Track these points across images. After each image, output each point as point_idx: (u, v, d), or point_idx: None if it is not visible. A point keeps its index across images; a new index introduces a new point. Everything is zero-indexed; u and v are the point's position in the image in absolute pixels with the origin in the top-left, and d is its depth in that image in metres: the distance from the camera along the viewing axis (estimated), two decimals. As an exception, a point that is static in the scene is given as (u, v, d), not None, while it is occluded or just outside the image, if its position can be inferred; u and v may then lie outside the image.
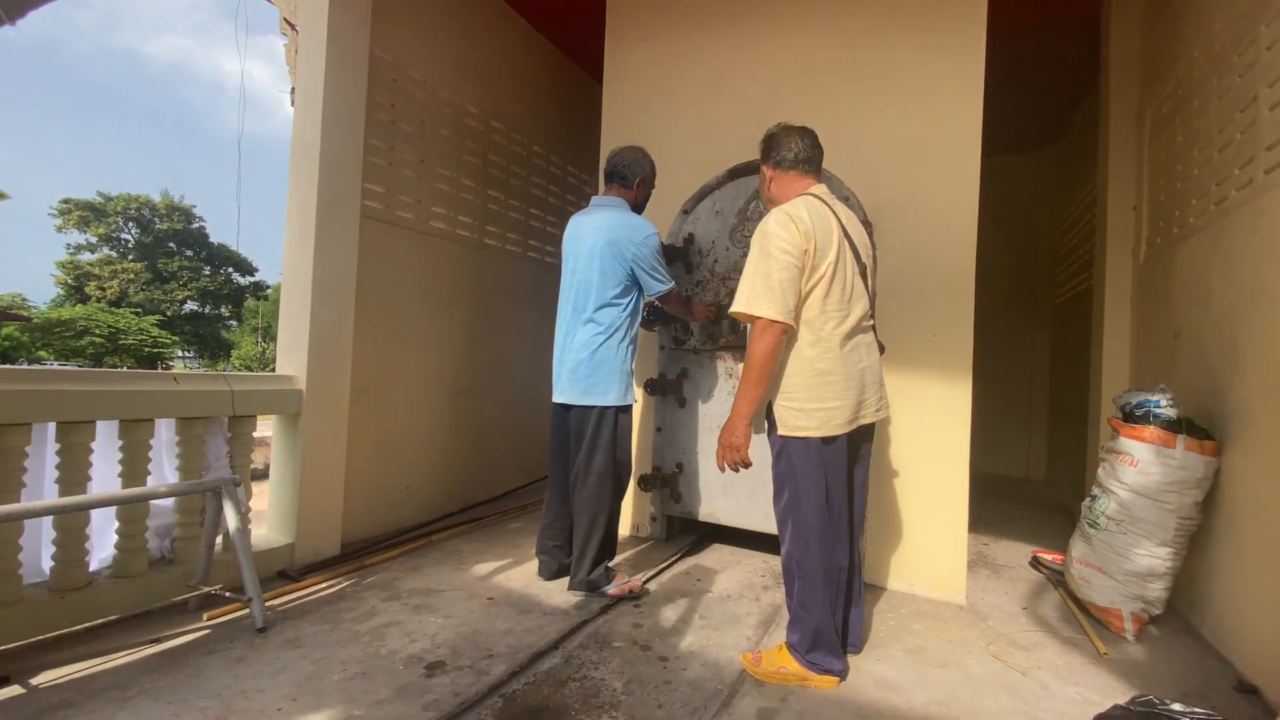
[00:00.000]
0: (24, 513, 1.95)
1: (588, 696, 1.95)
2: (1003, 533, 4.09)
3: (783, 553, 2.12)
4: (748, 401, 2.01)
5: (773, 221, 2.01)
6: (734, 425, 2.03)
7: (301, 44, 3.20)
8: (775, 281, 1.94)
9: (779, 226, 1.99)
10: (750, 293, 1.98)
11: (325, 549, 3.13)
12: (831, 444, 2.04)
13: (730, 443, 2.04)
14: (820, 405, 2.01)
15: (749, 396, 2.00)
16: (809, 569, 2.04)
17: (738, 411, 2.02)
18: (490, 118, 4.46)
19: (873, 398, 2.14)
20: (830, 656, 2.05)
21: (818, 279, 1.99)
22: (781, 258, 1.95)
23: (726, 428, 2.05)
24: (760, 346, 1.94)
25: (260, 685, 1.95)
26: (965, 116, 2.90)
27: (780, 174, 2.22)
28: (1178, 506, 2.45)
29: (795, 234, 1.96)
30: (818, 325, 2.01)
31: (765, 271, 1.96)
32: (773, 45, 3.40)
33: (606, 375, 2.67)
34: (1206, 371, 2.70)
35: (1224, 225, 2.62)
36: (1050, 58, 4.69)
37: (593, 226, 2.75)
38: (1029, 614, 2.77)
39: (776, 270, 1.94)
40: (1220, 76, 2.72)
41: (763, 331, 1.94)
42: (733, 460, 2.05)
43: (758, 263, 1.99)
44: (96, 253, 38.68)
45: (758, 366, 1.96)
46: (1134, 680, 2.19)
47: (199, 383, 2.65)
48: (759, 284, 1.96)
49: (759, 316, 1.94)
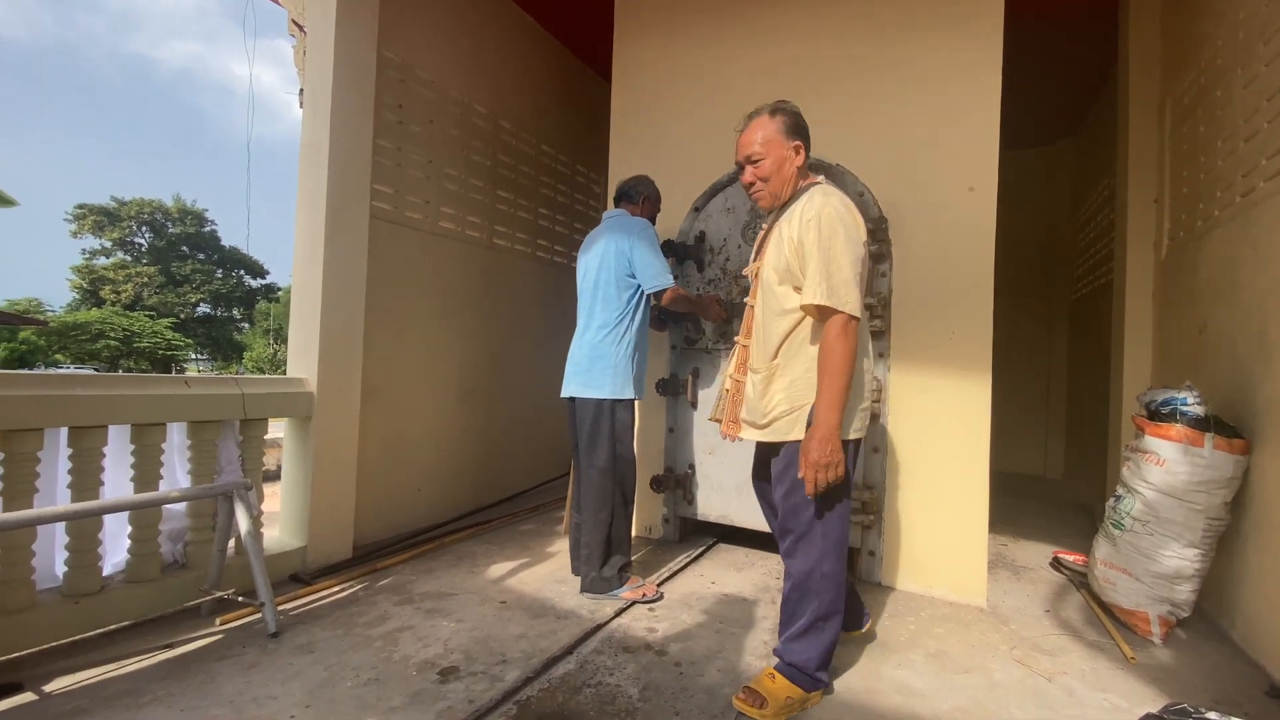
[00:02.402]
0: (36, 518, 1.94)
1: (603, 703, 1.92)
2: (1022, 533, 4.02)
3: (802, 568, 1.91)
4: (837, 409, 1.75)
5: (834, 207, 1.81)
6: (828, 439, 1.74)
7: (310, 46, 3.19)
8: (853, 274, 1.76)
9: (849, 212, 1.82)
10: (827, 284, 1.75)
11: (337, 552, 3.12)
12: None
13: (829, 460, 1.73)
14: (862, 405, 1.91)
15: (838, 403, 1.75)
16: (839, 579, 1.92)
17: (829, 424, 1.74)
18: (499, 117, 4.44)
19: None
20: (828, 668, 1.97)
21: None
22: (856, 249, 1.79)
23: (816, 444, 1.74)
24: (846, 347, 1.74)
25: (273, 692, 1.93)
26: (982, 110, 2.84)
27: (801, 154, 1.98)
28: (1206, 506, 2.39)
29: (859, 222, 1.85)
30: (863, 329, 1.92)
31: (843, 262, 1.76)
32: (783, 40, 3.36)
33: (603, 368, 2.70)
34: (1234, 367, 2.63)
35: (1251, 217, 2.55)
36: (1066, 48, 4.60)
37: (599, 236, 2.86)
38: (1052, 617, 2.71)
39: (852, 261, 1.77)
40: (1245, 65, 2.65)
41: (845, 329, 1.74)
42: (829, 479, 1.75)
43: (831, 249, 1.76)
44: (111, 257, 39.18)
45: (844, 368, 1.74)
46: (1163, 686, 2.13)
47: (210, 386, 2.64)
48: (836, 275, 1.75)
49: (841, 311, 1.75)
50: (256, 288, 45.31)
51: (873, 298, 2.96)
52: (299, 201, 3.15)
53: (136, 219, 39.69)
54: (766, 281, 1.94)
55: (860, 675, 2.14)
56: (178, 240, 41.38)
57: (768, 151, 1.95)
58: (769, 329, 1.92)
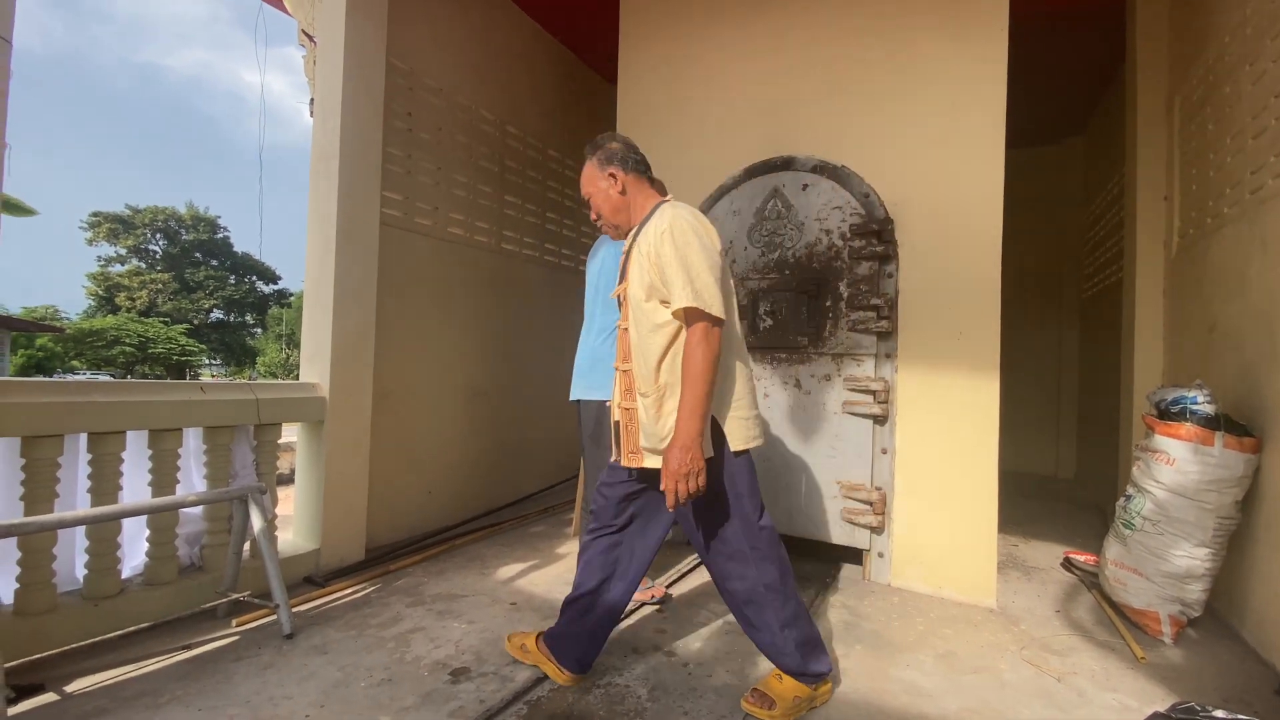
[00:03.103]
0: (57, 523, 1.99)
1: (612, 704, 1.94)
2: (1033, 533, 4.00)
3: (745, 586, 1.87)
4: (699, 417, 1.68)
5: (684, 219, 1.80)
6: (688, 448, 1.66)
7: (319, 55, 3.23)
8: (711, 279, 1.72)
9: (696, 222, 1.81)
10: (691, 287, 1.71)
11: (350, 554, 3.16)
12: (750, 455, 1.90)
13: (688, 469, 1.66)
14: (745, 414, 1.86)
15: (699, 409, 1.68)
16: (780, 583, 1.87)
17: (689, 432, 1.66)
18: (506, 123, 4.47)
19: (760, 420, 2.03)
20: (822, 656, 1.93)
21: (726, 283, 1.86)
22: (712, 256, 1.77)
23: (676, 453, 1.67)
24: (708, 350, 1.69)
25: (288, 692, 1.96)
26: (988, 108, 2.84)
27: (633, 179, 1.99)
28: (1217, 506, 2.38)
29: (710, 230, 1.84)
30: (731, 332, 1.86)
31: (704, 266, 1.73)
32: (788, 42, 3.37)
33: (604, 371, 2.72)
34: (1244, 366, 2.61)
35: (1261, 214, 2.53)
36: (1074, 45, 4.59)
37: (604, 242, 2.88)
38: (1062, 617, 2.70)
39: (711, 267, 1.74)
40: (1253, 61, 2.64)
41: (706, 334, 1.70)
42: (691, 490, 1.67)
43: (688, 256, 1.74)
44: (126, 264, 39.66)
45: (706, 374, 1.68)
46: (1173, 685, 2.13)
47: (225, 392, 2.69)
48: (698, 279, 1.71)
49: (706, 314, 1.70)
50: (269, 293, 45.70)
51: (879, 298, 2.96)
52: (310, 208, 3.19)
53: (150, 226, 40.18)
54: (635, 300, 1.87)
55: (868, 675, 2.14)
56: (191, 247, 41.86)
57: (592, 189, 2.03)
58: (646, 348, 1.85)
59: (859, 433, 3.04)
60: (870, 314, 2.98)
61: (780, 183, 3.29)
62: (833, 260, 3.13)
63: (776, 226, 3.29)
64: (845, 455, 3.07)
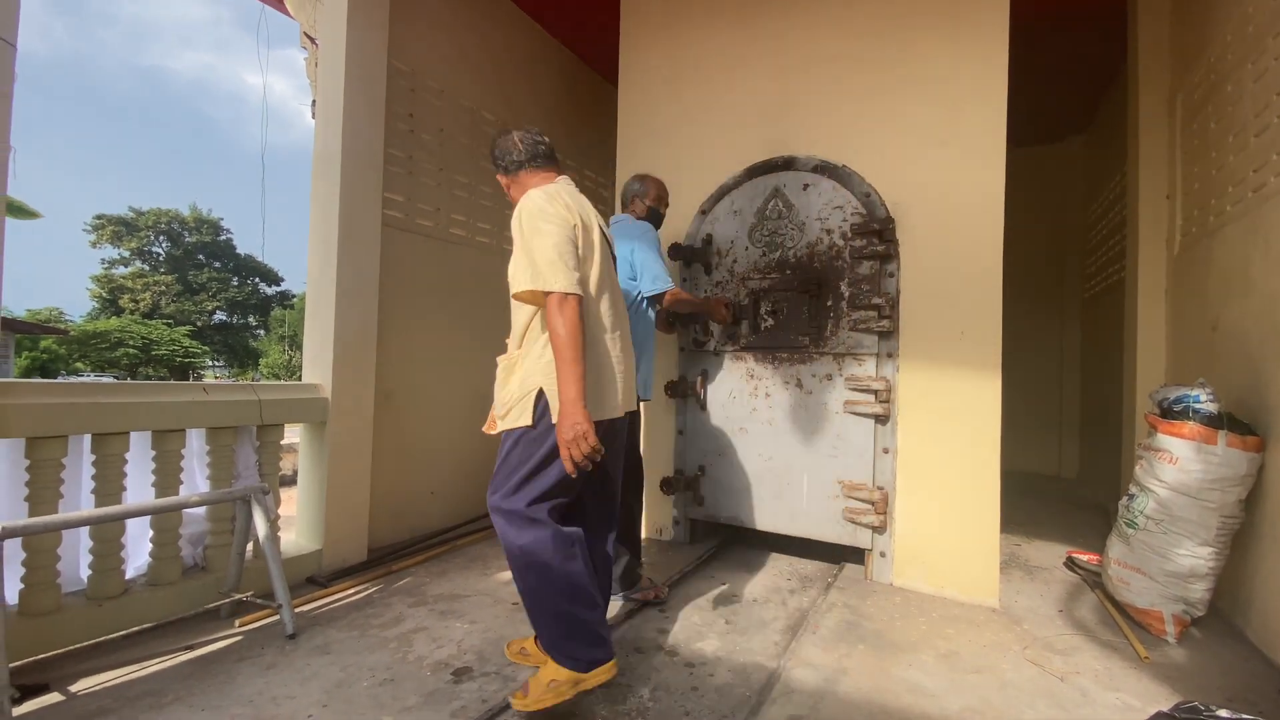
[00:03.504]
0: (62, 523, 2.00)
1: (614, 703, 1.94)
2: (1035, 533, 4.00)
3: (508, 545, 1.92)
4: (573, 382, 1.75)
5: (532, 200, 1.89)
6: (570, 413, 1.75)
7: (321, 57, 3.24)
8: (556, 254, 1.80)
9: (543, 201, 1.88)
10: (531, 269, 1.80)
11: (352, 555, 3.17)
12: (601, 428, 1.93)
13: (574, 433, 1.73)
14: (599, 387, 1.93)
15: (572, 376, 1.75)
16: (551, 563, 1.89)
17: (567, 397, 1.75)
18: (507, 124, 4.47)
19: (629, 386, 2.09)
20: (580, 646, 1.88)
21: (588, 257, 1.93)
22: (551, 229, 1.83)
23: (562, 420, 1.76)
24: (565, 320, 1.75)
25: (291, 692, 1.97)
26: (989, 107, 2.84)
27: (514, 178, 2.12)
28: (1220, 505, 2.37)
29: (560, 207, 1.88)
30: (592, 305, 1.94)
31: (541, 245, 1.81)
32: (789, 41, 3.37)
33: None
34: (1247, 364, 2.61)
35: (1263, 212, 2.53)
36: (1076, 44, 4.58)
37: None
38: (1065, 617, 2.70)
39: (553, 242, 1.81)
40: (1255, 60, 2.63)
41: (559, 307, 1.76)
42: (584, 451, 1.75)
43: (528, 240, 1.83)
44: (129, 266, 39.74)
45: (569, 344, 1.75)
46: (1176, 685, 2.12)
47: (227, 393, 2.70)
48: (539, 258, 1.80)
49: (551, 291, 1.77)
50: (272, 295, 45.77)
51: (880, 297, 2.96)
52: (312, 210, 3.20)
53: (154, 228, 40.26)
54: (509, 277, 1.97)
55: (870, 675, 2.14)
56: (194, 249, 41.94)
57: (506, 189, 2.16)
58: (515, 321, 1.99)
59: (861, 432, 3.04)
60: (872, 313, 2.98)
61: (781, 182, 3.29)
62: (834, 260, 3.13)
63: (778, 226, 3.29)
64: (847, 455, 3.07)
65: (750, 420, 3.33)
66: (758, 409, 3.31)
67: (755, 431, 3.31)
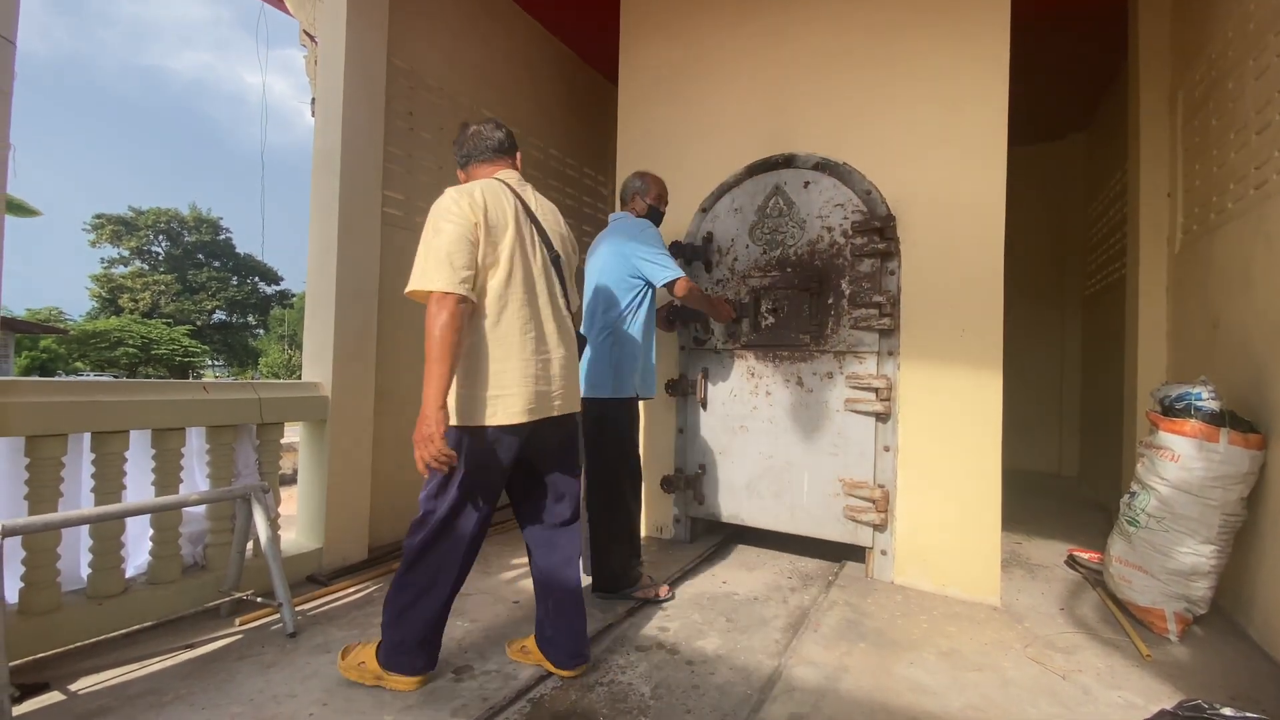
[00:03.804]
0: (62, 521, 1.99)
1: (615, 701, 1.94)
2: (1037, 531, 3.99)
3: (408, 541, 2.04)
4: (433, 383, 1.79)
5: (441, 199, 1.93)
6: (425, 416, 1.79)
7: (321, 56, 3.24)
8: (444, 253, 1.83)
9: (449, 200, 1.91)
10: (419, 268, 1.85)
11: (353, 554, 3.16)
12: (503, 433, 1.95)
13: (423, 435, 1.80)
14: (491, 391, 1.92)
15: (433, 377, 1.78)
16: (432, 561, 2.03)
17: (427, 398, 1.79)
18: (506, 122, 4.46)
19: (559, 389, 2.08)
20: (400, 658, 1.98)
21: (493, 259, 1.93)
22: (448, 229, 1.86)
23: (419, 421, 1.81)
24: (436, 322, 1.78)
25: (292, 690, 1.96)
26: (990, 105, 2.83)
27: (467, 172, 2.20)
28: (1222, 502, 2.37)
29: (464, 207, 1.89)
30: (496, 310, 1.93)
31: (433, 245, 1.85)
32: (789, 38, 3.36)
33: (603, 369, 2.72)
34: (1249, 362, 2.60)
35: (1264, 210, 2.52)
36: (1076, 42, 4.57)
37: (602, 240, 2.88)
38: (1067, 615, 2.69)
39: (445, 242, 1.84)
40: (1256, 56, 2.63)
41: (437, 305, 1.80)
42: (430, 455, 1.80)
43: (426, 239, 1.88)
44: (129, 266, 39.73)
45: (437, 344, 1.78)
46: (1179, 683, 2.12)
47: (227, 391, 2.69)
48: (428, 258, 1.85)
49: (431, 291, 1.81)
50: (271, 294, 45.74)
51: (881, 295, 2.96)
52: (312, 208, 3.20)
53: (153, 228, 40.25)
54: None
55: (871, 673, 2.14)
56: (194, 248, 41.93)
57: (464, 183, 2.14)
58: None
59: (861, 430, 3.04)
60: (872, 311, 2.97)
61: (782, 180, 3.29)
62: (834, 258, 3.13)
63: (778, 224, 3.28)
64: (848, 453, 3.06)
65: (751, 418, 3.33)
66: (758, 407, 3.31)
67: (756, 430, 3.31)
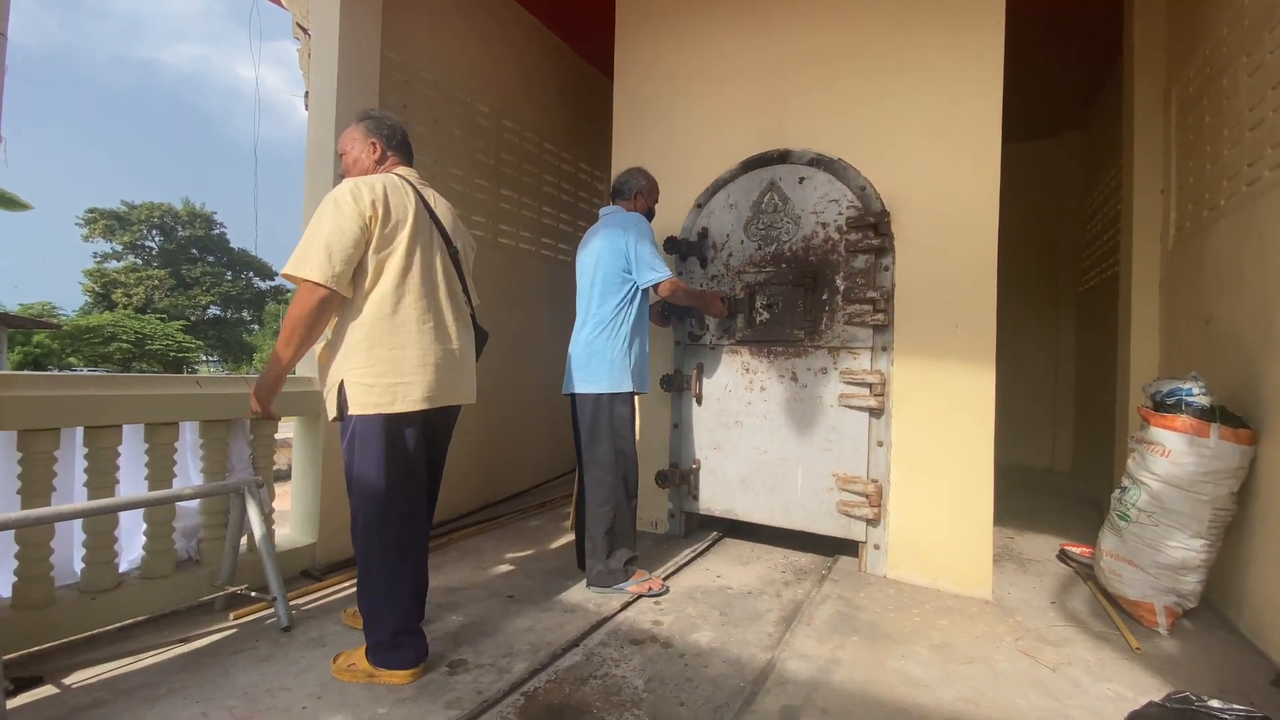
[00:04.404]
0: (55, 516, 1.98)
1: (609, 694, 1.94)
2: (1029, 526, 4.02)
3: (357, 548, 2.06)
4: (273, 364, 1.98)
5: (344, 185, 1.94)
6: (265, 375, 2.02)
7: (314, 49, 3.22)
8: (324, 244, 1.85)
9: (345, 191, 1.92)
10: (299, 252, 1.87)
11: (347, 548, 3.15)
12: (404, 421, 1.99)
13: (256, 390, 2.05)
14: (398, 380, 1.96)
15: (278, 354, 1.95)
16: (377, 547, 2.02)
17: (273, 359, 1.97)
18: (502, 116, 4.46)
19: (456, 379, 2.14)
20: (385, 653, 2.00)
21: (390, 250, 1.96)
22: (335, 220, 1.87)
23: (260, 381, 2.04)
24: (298, 308, 1.86)
25: (286, 684, 1.97)
26: (985, 101, 2.84)
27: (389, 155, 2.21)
28: (1212, 497, 2.39)
29: (362, 199, 1.91)
30: (393, 299, 1.96)
31: (317, 232, 1.87)
32: (784, 33, 3.36)
33: (599, 363, 2.73)
34: (1240, 358, 2.62)
35: (1257, 206, 2.53)
36: (1071, 38, 4.58)
37: (595, 233, 2.88)
38: (1057, 608, 2.71)
39: (328, 233, 1.86)
40: (1250, 53, 2.64)
41: (307, 294, 1.85)
42: (252, 408, 2.07)
43: (311, 224, 1.90)
44: (122, 260, 39.46)
45: (290, 327, 1.88)
46: (1168, 675, 2.14)
47: (221, 385, 2.68)
48: (309, 245, 1.86)
49: (304, 279, 1.85)
50: (266, 289, 45.53)
51: (875, 291, 2.97)
52: (306, 202, 3.18)
53: (147, 222, 39.97)
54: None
55: (864, 666, 2.15)
56: (187, 243, 41.68)
57: (349, 147, 2.20)
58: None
59: (855, 425, 3.05)
60: (866, 307, 2.98)
61: (777, 176, 3.29)
62: (829, 253, 3.13)
63: (773, 220, 3.29)
64: (841, 448, 3.08)
65: (745, 414, 3.33)
66: (753, 402, 3.31)
67: (750, 425, 3.32)
